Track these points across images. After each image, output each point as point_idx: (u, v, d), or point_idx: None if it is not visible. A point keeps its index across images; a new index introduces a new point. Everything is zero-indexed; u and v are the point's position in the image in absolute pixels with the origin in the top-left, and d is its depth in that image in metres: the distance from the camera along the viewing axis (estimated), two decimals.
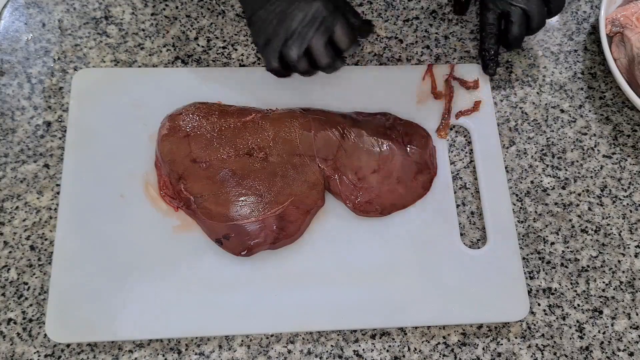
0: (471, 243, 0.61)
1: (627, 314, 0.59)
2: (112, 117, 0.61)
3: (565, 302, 0.60)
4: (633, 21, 0.67)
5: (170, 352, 0.55)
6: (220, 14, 0.70)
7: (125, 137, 0.60)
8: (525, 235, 0.62)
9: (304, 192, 0.57)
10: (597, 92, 0.70)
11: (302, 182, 0.57)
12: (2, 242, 0.58)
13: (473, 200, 0.63)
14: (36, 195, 0.60)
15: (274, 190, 0.57)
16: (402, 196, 0.59)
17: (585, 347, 0.58)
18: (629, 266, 0.61)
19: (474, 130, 0.65)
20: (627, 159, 0.67)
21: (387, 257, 0.58)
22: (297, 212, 0.57)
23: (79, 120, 0.61)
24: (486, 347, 0.57)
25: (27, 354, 0.54)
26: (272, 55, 0.57)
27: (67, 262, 0.55)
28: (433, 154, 0.63)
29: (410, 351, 0.56)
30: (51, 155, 0.61)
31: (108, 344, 0.55)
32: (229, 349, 0.55)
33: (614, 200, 0.64)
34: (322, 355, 0.56)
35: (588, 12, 0.75)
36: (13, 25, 0.68)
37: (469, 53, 0.70)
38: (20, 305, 0.56)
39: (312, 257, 0.57)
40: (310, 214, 0.57)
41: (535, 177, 0.65)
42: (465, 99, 0.66)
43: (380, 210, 0.59)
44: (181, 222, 0.58)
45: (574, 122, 0.68)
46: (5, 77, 0.65)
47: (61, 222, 0.57)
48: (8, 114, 0.63)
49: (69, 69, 0.66)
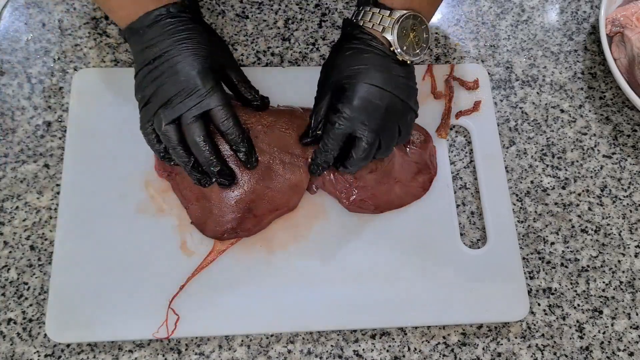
0: (471, 243, 0.61)
1: (627, 314, 0.59)
2: (112, 117, 0.61)
3: (565, 302, 0.60)
4: (633, 21, 0.67)
5: (170, 352, 0.55)
6: (220, 14, 0.70)
7: (125, 137, 0.60)
8: (525, 235, 0.62)
9: (281, 190, 0.56)
10: (597, 92, 0.70)
11: (284, 179, 0.56)
12: (2, 242, 0.58)
13: (473, 200, 0.63)
14: (36, 195, 0.60)
15: (254, 177, 0.56)
16: (399, 196, 0.59)
17: (585, 347, 0.58)
18: (629, 266, 0.61)
19: (474, 130, 0.65)
20: (627, 159, 0.67)
21: (387, 257, 0.58)
22: (265, 207, 0.56)
23: (79, 120, 0.61)
24: (486, 347, 0.57)
25: (27, 354, 0.54)
26: (145, 118, 0.52)
27: (67, 262, 0.55)
28: (433, 154, 0.63)
29: (410, 351, 0.56)
30: (51, 155, 0.61)
31: (108, 344, 0.55)
32: (229, 349, 0.55)
33: (614, 200, 0.64)
34: (322, 355, 0.56)
35: (588, 12, 0.75)
36: (13, 25, 0.68)
37: (469, 53, 0.70)
38: (20, 305, 0.56)
39: (312, 257, 0.57)
40: (277, 212, 0.57)
41: (535, 177, 0.65)
42: (465, 99, 0.66)
43: (374, 207, 0.59)
44: (180, 222, 0.58)
45: (574, 122, 0.68)
46: (5, 77, 0.65)
47: (61, 222, 0.57)
48: (8, 114, 0.63)
49: (69, 69, 0.66)
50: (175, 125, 0.51)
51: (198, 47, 0.51)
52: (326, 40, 0.69)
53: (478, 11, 0.73)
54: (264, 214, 0.56)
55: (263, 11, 0.71)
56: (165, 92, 0.51)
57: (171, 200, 0.58)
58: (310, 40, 0.69)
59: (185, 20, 0.52)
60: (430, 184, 0.61)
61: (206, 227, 0.56)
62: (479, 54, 0.71)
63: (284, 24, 0.70)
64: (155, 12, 0.51)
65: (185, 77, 0.50)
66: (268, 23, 0.70)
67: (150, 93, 0.51)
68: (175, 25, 0.51)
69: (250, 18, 0.70)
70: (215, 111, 0.51)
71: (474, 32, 0.72)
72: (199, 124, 0.51)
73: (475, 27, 0.72)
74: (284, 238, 0.58)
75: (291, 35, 0.69)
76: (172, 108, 0.50)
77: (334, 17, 0.71)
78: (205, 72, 0.51)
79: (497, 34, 0.72)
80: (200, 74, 0.51)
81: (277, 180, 0.56)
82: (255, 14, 0.70)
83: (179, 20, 0.52)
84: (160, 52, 0.51)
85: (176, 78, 0.50)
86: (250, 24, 0.70)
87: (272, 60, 0.68)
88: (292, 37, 0.69)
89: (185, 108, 0.50)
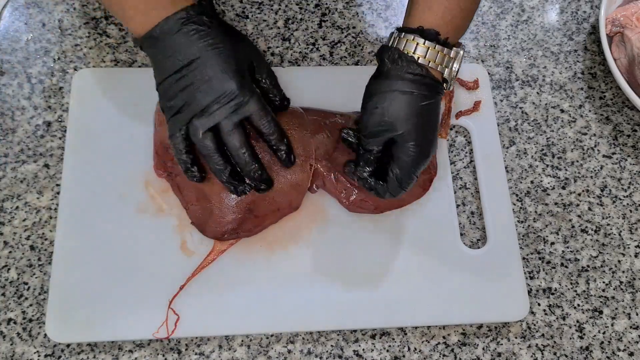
0: (471, 243, 0.61)
1: (627, 314, 0.59)
2: (112, 117, 0.61)
3: (565, 302, 0.60)
4: (633, 21, 0.67)
5: (170, 352, 0.55)
6: (220, 14, 0.70)
7: (125, 137, 0.60)
8: (525, 235, 0.62)
9: (282, 190, 0.56)
10: (597, 92, 0.70)
11: (285, 178, 0.56)
12: (2, 242, 0.58)
13: (473, 200, 0.63)
14: (36, 195, 0.60)
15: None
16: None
17: (585, 347, 0.58)
18: (629, 266, 0.61)
19: (474, 130, 0.65)
20: (627, 159, 0.67)
21: (387, 257, 0.58)
22: (266, 207, 0.56)
23: (79, 120, 0.61)
24: (486, 347, 0.57)
25: (27, 354, 0.54)
26: (175, 128, 0.51)
27: (67, 262, 0.55)
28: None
29: (410, 351, 0.56)
30: (51, 155, 0.61)
31: (108, 343, 0.55)
32: (229, 349, 0.55)
33: (614, 200, 0.64)
34: (322, 355, 0.56)
35: (588, 12, 0.75)
36: (13, 25, 0.68)
37: (469, 53, 0.70)
38: (20, 305, 0.56)
39: (312, 257, 0.57)
40: (279, 213, 0.57)
41: (535, 177, 0.65)
42: (465, 99, 0.66)
43: (374, 207, 0.59)
44: (180, 222, 0.58)
45: (574, 122, 0.68)
46: (5, 77, 0.65)
47: (61, 222, 0.57)
48: (8, 114, 0.63)
49: (69, 69, 0.66)
50: (212, 133, 0.50)
51: (226, 51, 0.50)
52: (326, 40, 0.69)
53: (478, 11, 0.73)
54: (266, 214, 0.56)
55: (263, 11, 0.71)
56: (200, 101, 0.49)
57: (171, 200, 0.58)
58: (310, 40, 0.69)
59: (207, 23, 0.50)
60: (430, 184, 0.61)
61: (206, 227, 0.56)
62: (479, 54, 0.71)
63: (284, 24, 0.70)
64: (175, 17, 0.49)
65: (220, 84, 0.49)
66: (268, 23, 0.70)
67: (181, 102, 0.50)
68: (199, 30, 0.49)
69: (250, 18, 0.70)
70: (254, 116, 0.51)
71: (474, 32, 0.72)
72: (239, 131, 0.50)
73: (475, 27, 0.72)
74: (284, 238, 0.58)
75: (291, 35, 0.69)
76: (209, 116, 0.49)
77: (334, 17, 0.71)
78: (240, 77, 0.50)
79: (497, 34, 0.72)
80: (237, 80, 0.49)
81: (278, 180, 0.56)
82: (255, 14, 0.70)
83: (202, 24, 0.50)
84: (188, 60, 0.49)
85: (209, 85, 0.49)
86: (250, 24, 0.70)
87: (272, 61, 0.68)
88: (292, 37, 0.69)
89: (224, 115, 0.49)
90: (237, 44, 0.52)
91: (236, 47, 0.51)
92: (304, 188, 0.57)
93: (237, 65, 0.50)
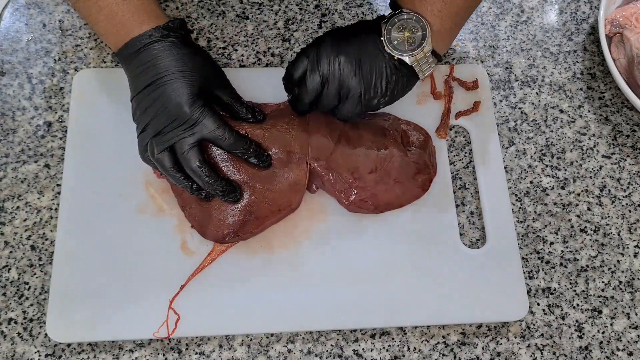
0: (470, 243, 0.61)
1: (627, 314, 0.60)
2: (112, 117, 0.61)
3: (565, 301, 0.60)
4: (632, 21, 0.67)
5: (171, 352, 0.55)
6: (221, 15, 0.70)
7: (125, 137, 0.60)
8: (525, 235, 0.62)
9: (281, 189, 0.56)
10: (596, 93, 0.70)
11: (283, 178, 0.56)
12: (3, 242, 0.58)
13: (472, 200, 0.63)
14: (37, 195, 0.60)
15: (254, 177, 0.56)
16: (398, 196, 0.59)
17: (585, 346, 0.58)
18: (628, 266, 0.62)
19: (473, 130, 0.65)
20: (626, 159, 0.67)
21: (387, 257, 0.58)
22: (265, 208, 0.56)
23: (80, 121, 0.61)
24: (485, 347, 0.57)
25: (28, 354, 0.54)
26: (140, 145, 0.53)
27: (67, 262, 0.55)
28: (432, 154, 0.63)
29: (410, 351, 0.56)
30: (52, 155, 0.62)
31: (108, 343, 0.55)
32: (229, 348, 0.55)
33: (613, 200, 0.65)
34: (322, 354, 0.56)
35: (587, 12, 0.75)
36: (14, 26, 0.68)
37: (469, 54, 0.71)
38: (21, 305, 0.56)
39: (312, 257, 0.58)
40: (280, 213, 0.57)
41: (535, 177, 0.65)
42: (464, 99, 0.66)
43: (373, 207, 0.59)
44: (180, 222, 0.58)
45: (573, 122, 0.68)
46: (6, 78, 0.65)
47: (62, 222, 0.57)
48: (9, 114, 0.63)
49: (70, 69, 0.66)
50: (169, 152, 0.52)
51: (186, 72, 0.52)
52: None
53: (477, 12, 0.73)
54: (266, 215, 0.56)
55: (263, 12, 0.71)
56: (157, 122, 0.51)
57: (171, 200, 0.58)
58: (310, 41, 0.69)
59: (171, 44, 0.52)
60: (430, 184, 0.61)
61: (207, 230, 0.56)
62: (479, 55, 0.71)
63: (284, 24, 0.70)
64: (141, 37, 0.51)
65: (174, 107, 0.51)
66: (268, 24, 0.70)
67: (145, 122, 0.52)
68: (162, 50, 0.51)
69: (250, 19, 0.70)
70: (209, 135, 0.52)
71: (473, 33, 0.72)
72: (193, 152, 0.52)
73: (475, 27, 0.72)
74: (284, 238, 0.58)
75: (291, 35, 0.70)
76: (163, 137, 0.51)
77: (334, 17, 0.71)
78: (193, 100, 0.51)
79: (496, 34, 0.72)
80: (188, 103, 0.51)
81: (276, 180, 0.56)
82: (256, 14, 0.70)
83: (166, 44, 0.52)
84: (150, 80, 0.51)
85: (165, 107, 0.51)
86: (251, 25, 0.70)
87: (272, 61, 0.68)
88: (292, 38, 0.69)
89: (177, 137, 0.51)
90: (200, 65, 0.53)
91: (198, 69, 0.53)
92: (302, 186, 0.57)
93: (194, 87, 0.52)
